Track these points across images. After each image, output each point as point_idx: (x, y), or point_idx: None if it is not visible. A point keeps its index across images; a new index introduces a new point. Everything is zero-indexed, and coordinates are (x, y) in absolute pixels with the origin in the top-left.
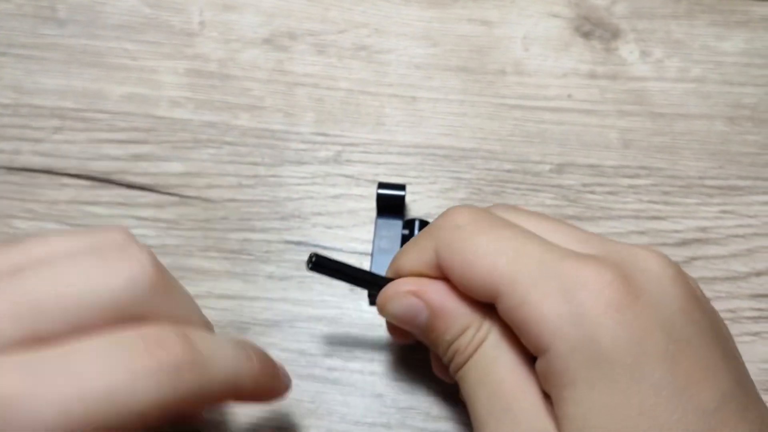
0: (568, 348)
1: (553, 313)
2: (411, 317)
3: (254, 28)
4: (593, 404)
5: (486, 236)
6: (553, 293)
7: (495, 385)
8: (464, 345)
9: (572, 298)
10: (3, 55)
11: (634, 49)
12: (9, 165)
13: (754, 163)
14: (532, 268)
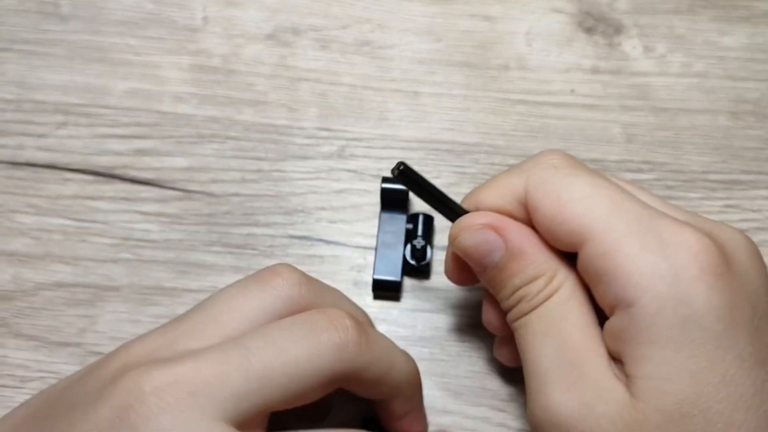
0: (658, 305)
1: (647, 267)
2: (484, 253)
3: (257, 23)
4: (677, 367)
5: (583, 180)
6: (650, 247)
7: (563, 338)
8: (534, 292)
9: (669, 255)
10: (6, 50)
11: (637, 44)
12: (13, 160)
13: (757, 158)
14: (630, 218)
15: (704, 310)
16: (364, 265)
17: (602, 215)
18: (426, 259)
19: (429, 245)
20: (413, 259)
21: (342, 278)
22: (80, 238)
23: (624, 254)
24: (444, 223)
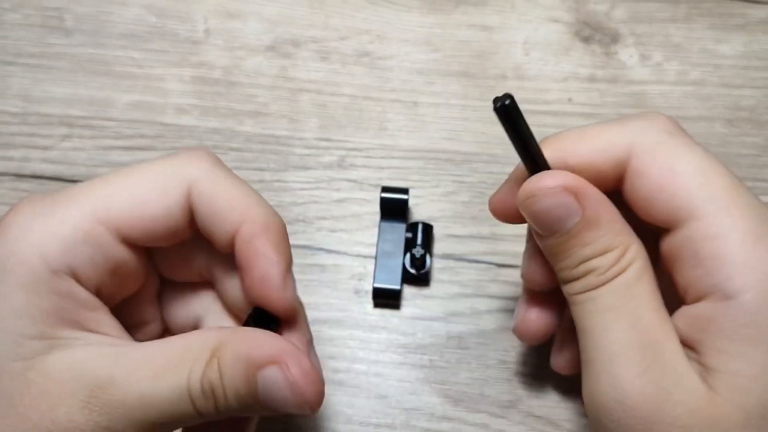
0: (761, 302)
1: (759, 260)
2: (558, 218)
3: (258, 35)
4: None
5: (701, 154)
6: (764, 240)
7: (637, 317)
8: (606, 266)
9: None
10: (11, 64)
11: (634, 52)
12: (18, 172)
13: (753, 164)
14: (746, 205)
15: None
16: (364, 273)
17: (718, 195)
18: (425, 267)
19: (428, 254)
20: (413, 267)
21: (343, 287)
22: None
23: (734, 241)
24: (443, 231)
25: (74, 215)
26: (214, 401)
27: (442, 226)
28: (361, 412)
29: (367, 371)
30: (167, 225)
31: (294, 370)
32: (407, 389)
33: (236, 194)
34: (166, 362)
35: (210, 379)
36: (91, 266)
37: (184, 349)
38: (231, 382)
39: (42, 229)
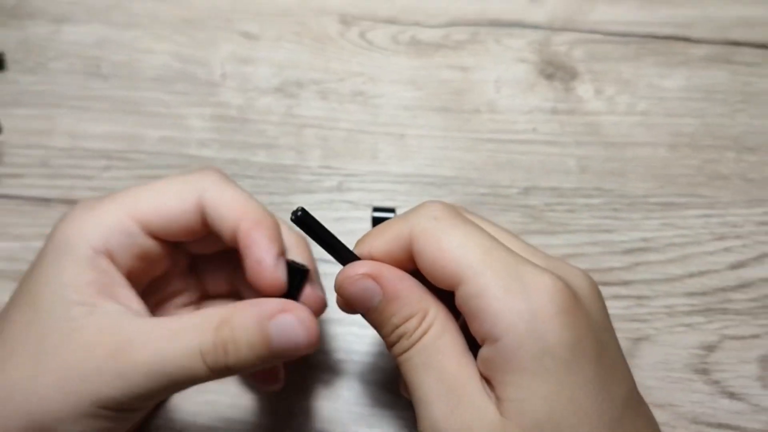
0: (519, 341)
1: (510, 308)
2: (364, 299)
3: (267, 78)
4: (534, 391)
5: (460, 231)
6: (513, 290)
7: (441, 368)
8: (411, 329)
9: (530, 298)
10: (58, 106)
11: (590, 88)
12: (68, 198)
13: (690, 183)
14: (497, 265)
15: (556, 343)
16: None
17: (473, 262)
18: None
19: None
20: None
21: None
22: None
23: (491, 297)
24: None
25: (112, 211)
26: (225, 357)
27: None
28: (358, 394)
29: (361, 361)
30: (183, 223)
31: (302, 314)
32: (396, 374)
33: (236, 199)
34: (180, 327)
35: (223, 336)
36: (124, 250)
37: (197, 318)
38: (244, 335)
39: (88, 220)
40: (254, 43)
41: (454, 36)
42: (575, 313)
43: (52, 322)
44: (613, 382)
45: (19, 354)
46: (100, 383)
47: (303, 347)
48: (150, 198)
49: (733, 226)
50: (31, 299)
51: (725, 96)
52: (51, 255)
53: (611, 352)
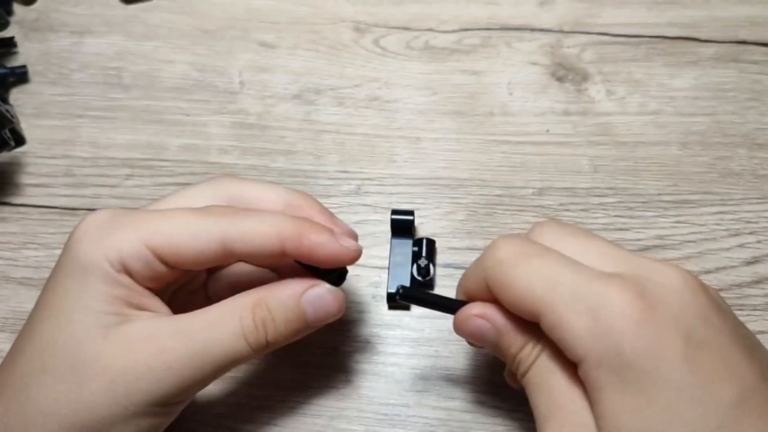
0: (597, 359)
1: (583, 331)
2: (481, 336)
3: (285, 85)
4: (622, 406)
5: (523, 270)
6: (583, 313)
7: (551, 389)
8: (525, 357)
9: (598, 317)
10: (81, 117)
11: (601, 89)
12: (92, 207)
13: (703, 180)
14: (564, 293)
15: (632, 354)
16: (379, 282)
17: (541, 296)
18: (430, 275)
19: (432, 264)
20: (419, 275)
21: (362, 293)
22: None
23: (564, 325)
24: (444, 245)
25: (130, 239)
26: (266, 335)
27: (444, 241)
28: (381, 394)
29: (384, 362)
30: (203, 262)
31: (328, 285)
32: (418, 375)
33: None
34: (219, 315)
35: (262, 316)
36: (142, 275)
37: (232, 305)
38: (282, 313)
39: (108, 244)
40: (271, 51)
41: (466, 41)
42: (648, 320)
43: (86, 333)
44: (717, 384)
45: (53, 368)
46: (151, 382)
47: (334, 315)
48: (167, 231)
49: (747, 222)
50: (55, 314)
51: (735, 94)
52: (73, 272)
53: (714, 350)
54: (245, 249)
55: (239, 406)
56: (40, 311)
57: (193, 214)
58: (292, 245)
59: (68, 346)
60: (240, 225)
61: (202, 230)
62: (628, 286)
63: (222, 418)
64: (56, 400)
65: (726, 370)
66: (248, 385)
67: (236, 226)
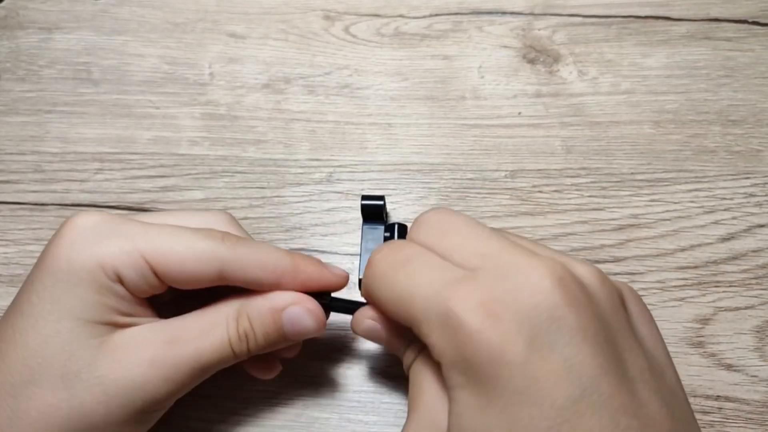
0: (449, 362)
1: (437, 337)
2: (373, 336)
3: (255, 75)
4: (468, 405)
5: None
6: (434, 321)
7: (420, 385)
8: (408, 356)
9: (446, 324)
10: (50, 112)
11: (573, 70)
12: (61, 202)
13: (677, 158)
14: (420, 303)
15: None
16: (352, 268)
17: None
18: None
19: None
20: None
21: None
22: None
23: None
24: None
25: (127, 249)
26: (247, 344)
27: None
28: (356, 381)
29: (358, 348)
30: (193, 281)
31: (310, 305)
32: (390, 358)
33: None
34: (207, 324)
35: (244, 328)
36: (134, 283)
37: (219, 314)
38: (260, 327)
39: (102, 252)
40: (241, 42)
41: (437, 26)
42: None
43: (78, 344)
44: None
45: (42, 380)
46: (147, 391)
47: (312, 333)
48: (167, 248)
49: (722, 198)
50: (42, 323)
51: (708, 72)
52: (62, 279)
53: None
54: (241, 277)
55: (210, 397)
56: (22, 317)
57: (194, 235)
58: (288, 278)
59: (58, 358)
60: (240, 252)
61: (204, 252)
62: (473, 292)
63: (193, 409)
64: (47, 411)
65: (566, 370)
66: (219, 375)
67: (236, 254)
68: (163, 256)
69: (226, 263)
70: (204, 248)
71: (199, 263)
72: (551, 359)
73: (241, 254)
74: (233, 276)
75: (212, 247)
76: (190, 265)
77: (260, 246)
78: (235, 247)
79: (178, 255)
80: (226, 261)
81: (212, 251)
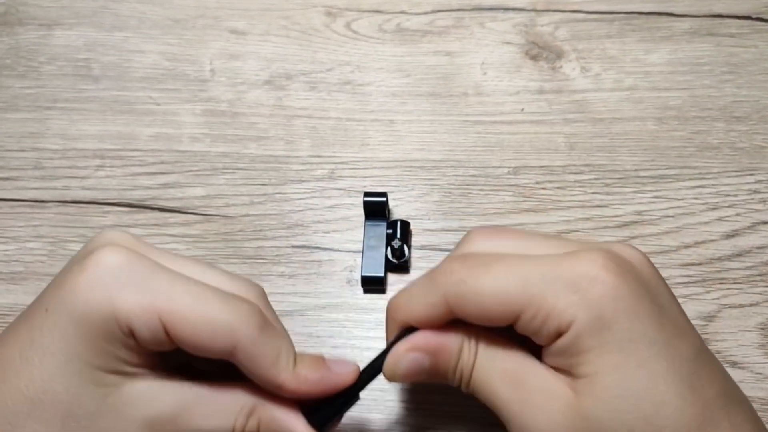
0: (582, 327)
1: (566, 306)
2: (418, 367)
3: (256, 72)
4: (603, 365)
5: (486, 278)
6: (561, 291)
7: (502, 371)
8: (466, 359)
9: (577, 289)
10: (50, 109)
11: (576, 66)
12: (62, 199)
13: (680, 155)
14: (537, 282)
15: (613, 317)
16: (354, 265)
17: (519, 295)
18: (404, 257)
19: (406, 245)
20: (393, 257)
21: (337, 277)
22: None
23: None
24: (419, 227)
25: (145, 304)
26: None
27: (418, 223)
28: None
29: (360, 346)
30: (201, 351)
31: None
32: None
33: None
34: (217, 408)
35: (252, 425)
36: (146, 339)
37: (231, 400)
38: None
39: (122, 304)
40: (242, 38)
41: (439, 22)
42: (623, 284)
43: (84, 389)
44: (677, 341)
45: (42, 417)
46: None
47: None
48: (185, 311)
49: (726, 195)
50: (48, 359)
51: (711, 68)
52: (74, 320)
53: (669, 313)
54: (248, 366)
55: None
56: (31, 345)
57: (220, 304)
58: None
59: (61, 399)
60: (256, 341)
61: (222, 326)
62: (596, 256)
63: None
64: None
65: (681, 330)
66: None
67: (252, 340)
68: (179, 320)
69: (239, 347)
70: (223, 321)
71: (213, 337)
72: (670, 319)
73: (257, 343)
74: (242, 362)
75: (231, 326)
76: (203, 336)
77: (277, 340)
78: (253, 332)
79: (194, 323)
80: (241, 345)
81: (231, 330)
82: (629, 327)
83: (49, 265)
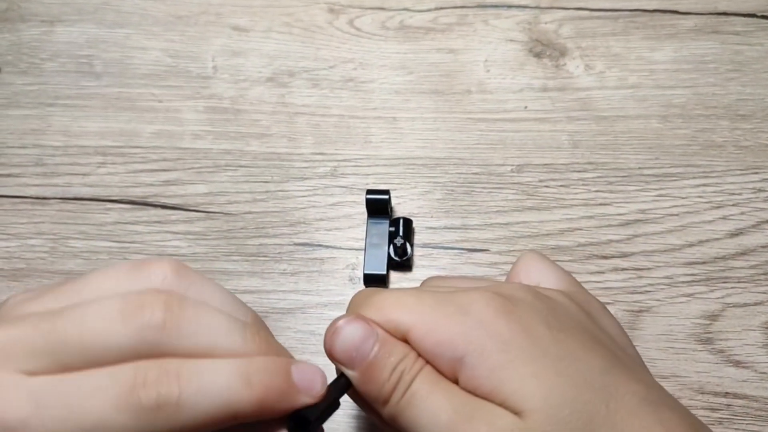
0: (480, 347)
1: (458, 327)
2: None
3: (259, 69)
4: (523, 375)
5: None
6: (452, 313)
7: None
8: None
9: (468, 312)
10: (52, 105)
11: (580, 63)
12: (63, 196)
13: (684, 153)
14: (429, 306)
15: (510, 335)
16: (356, 263)
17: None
18: (407, 255)
19: (408, 243)
20: (396, 255)
21: (339, 275)
22: (122, 256)
23: (438, 329)
24: (421, 224)
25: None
26: None
27: (421, 220)
28: None
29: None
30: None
31: None
32: None
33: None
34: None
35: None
36: None
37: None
38: None
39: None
40: (245, 35)
41: (442, 19)
42: (513, 311)
43: None
44: (585, 358)
45: None
46: None
47: None
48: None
49: (730, 194)
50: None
51: (716, 66)
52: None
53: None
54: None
55: None
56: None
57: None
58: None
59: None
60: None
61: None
62: (485, 290)
63: None
64: None
65: (587, 350)
66: None
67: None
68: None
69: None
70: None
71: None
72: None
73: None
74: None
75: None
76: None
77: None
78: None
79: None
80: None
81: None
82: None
83: (51, 262)
